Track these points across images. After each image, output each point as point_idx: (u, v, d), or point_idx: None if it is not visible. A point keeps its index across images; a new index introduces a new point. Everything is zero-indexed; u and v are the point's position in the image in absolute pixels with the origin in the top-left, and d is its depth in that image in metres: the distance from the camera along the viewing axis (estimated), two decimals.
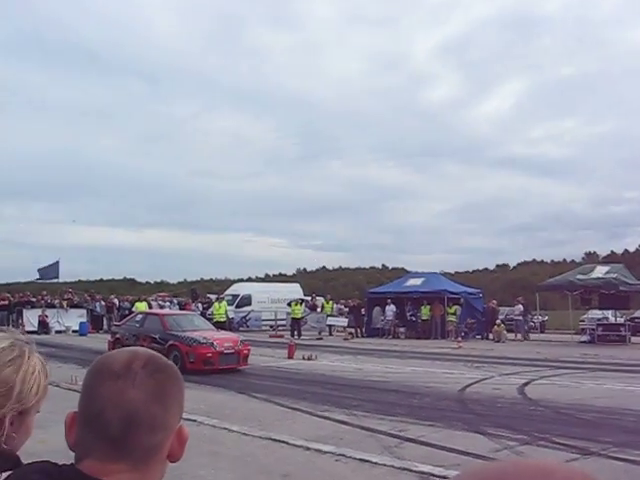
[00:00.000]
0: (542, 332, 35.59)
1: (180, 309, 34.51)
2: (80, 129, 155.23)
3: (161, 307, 33.97)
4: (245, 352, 17.20)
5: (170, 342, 16.72)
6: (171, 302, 37.37)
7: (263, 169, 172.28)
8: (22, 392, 1.49)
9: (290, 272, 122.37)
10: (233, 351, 16.80)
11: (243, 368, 17.04)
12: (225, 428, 9.70)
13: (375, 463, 7.63)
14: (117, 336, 18.50)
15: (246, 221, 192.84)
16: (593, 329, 29.13)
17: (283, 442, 8.74)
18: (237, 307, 36.61)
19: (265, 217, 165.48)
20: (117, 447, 1.16)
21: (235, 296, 38.06)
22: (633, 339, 28.19)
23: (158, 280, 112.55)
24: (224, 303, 31.72)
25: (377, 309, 33.95)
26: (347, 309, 36.70)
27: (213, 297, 40.73)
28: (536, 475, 0.76)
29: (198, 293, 43.55)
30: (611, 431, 9.35)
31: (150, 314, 19.50)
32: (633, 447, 8.22)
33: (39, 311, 32.49)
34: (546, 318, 40.53)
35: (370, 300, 34.90)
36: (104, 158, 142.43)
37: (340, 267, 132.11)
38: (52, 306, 33.93)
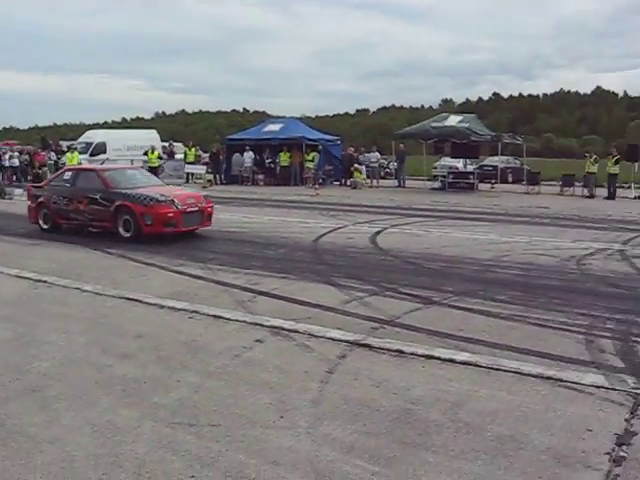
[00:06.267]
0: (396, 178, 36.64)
1: (30, 160, 32.86)
2: None
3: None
4: (209, 210, 15.32)
5: (118, 202, 14.35)
6: (20, 152, 35.24)
7: (112, 4, 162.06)
8: None
9: (148, 116, 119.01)
10: (197, 209, 14.79)
11: None
12: (77, 288, 9.53)
13: (228, 319, 7.76)
14: (41, 199, 15.83)
15: (98, 62, 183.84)
16: (444, 176, 30.41)
17: (137, 301, 8.72)
18: (91, 156, 35.00)
19: (119, 58, 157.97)
20: None
21: (88, 144, 36.26)
22: (480, 186, 29.74)
23: (7, 126, 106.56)
24: (76, 153, 30.35)
25: (236, 155, 33.75)
26: (207, 155, 36.21)
27: (66, 144, 39.00)
28: None
29: (49, 141, 41.44)
30: (454, 280, 9.91)
31: (84, 170, 16.59)
32: (472, 296, 8.78)
33: None
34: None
35: (229, 147, 34.56)
36: None
37: (200, 110, 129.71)
38: None
